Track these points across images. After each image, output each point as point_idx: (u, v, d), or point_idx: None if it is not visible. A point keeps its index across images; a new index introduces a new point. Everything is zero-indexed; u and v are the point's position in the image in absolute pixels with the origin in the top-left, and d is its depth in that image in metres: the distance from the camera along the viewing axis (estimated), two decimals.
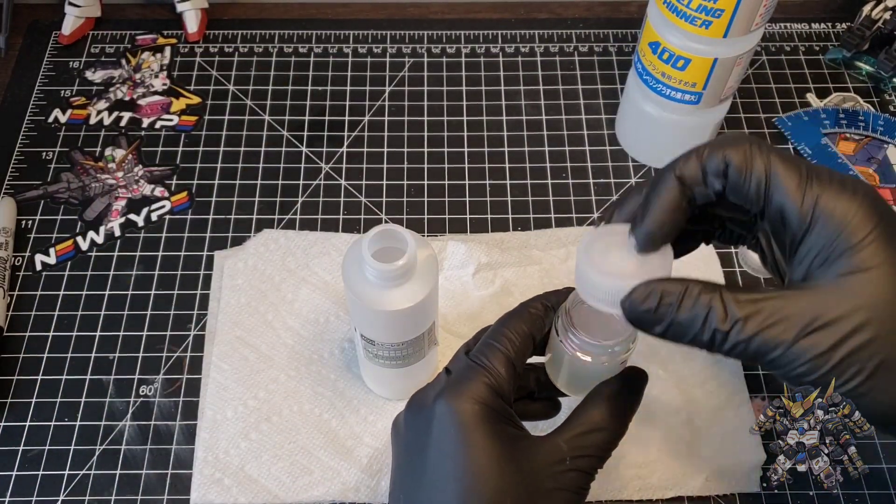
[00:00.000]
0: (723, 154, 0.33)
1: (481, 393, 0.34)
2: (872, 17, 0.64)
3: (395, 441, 0.38)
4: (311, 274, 0.53)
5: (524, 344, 0.37)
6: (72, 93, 0.63)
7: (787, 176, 0.32)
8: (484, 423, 0.34)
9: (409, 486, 0.35)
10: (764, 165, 0.32)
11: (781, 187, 0.32)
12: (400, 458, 0.37)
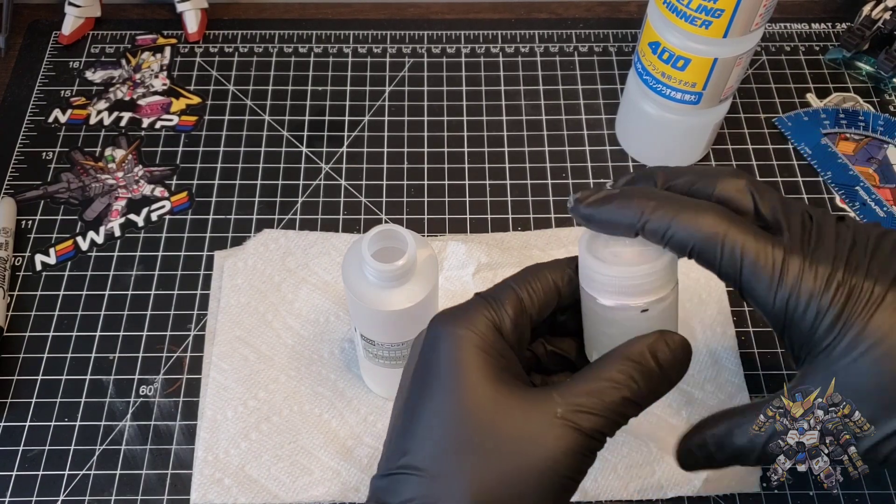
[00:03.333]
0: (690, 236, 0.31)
1: (478, 324, 0.31)
2: (872, 17, 0.64)
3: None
4: (311, 274, 0.53)
5: (543, 288, 0.33)
6: (72, 93, 0.63)
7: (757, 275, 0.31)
8: (474, 353, 0.31)
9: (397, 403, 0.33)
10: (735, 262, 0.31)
11: (753, 287, 0.31)
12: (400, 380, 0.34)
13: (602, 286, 0.33)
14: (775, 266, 0.31)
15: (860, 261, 0.31)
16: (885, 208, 0.58)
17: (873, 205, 0.58)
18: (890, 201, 0.58)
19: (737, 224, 0.31)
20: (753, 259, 0.31)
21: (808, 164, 0.60)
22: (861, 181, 0.59)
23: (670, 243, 0.32)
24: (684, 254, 0.32)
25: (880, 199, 0.58)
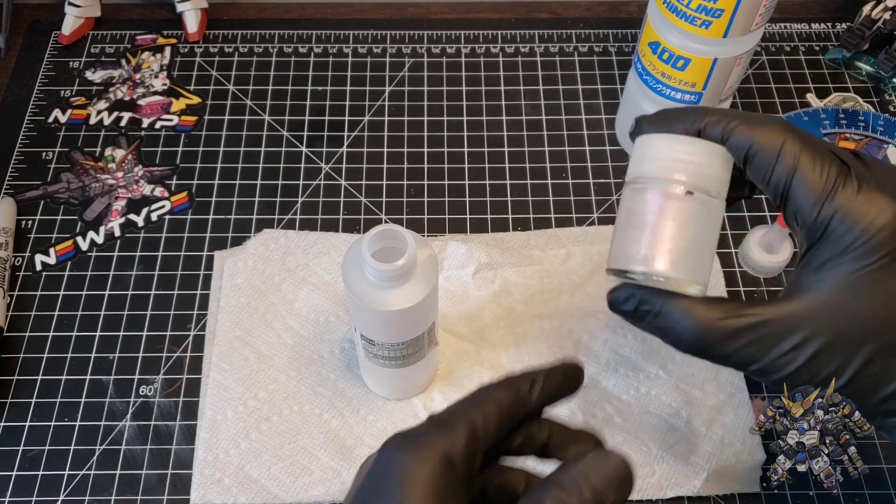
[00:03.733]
0: (750, 139, 0.32)
1: (429, 456, 0.29)
2: (872, 17, 0.64)
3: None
4: (311, 274, 0.53)
5: (496, 413, 0.31)
6: (72, 93, 0.63)
7: (808, 185, 0.32)
8: (422, 488, 0.28)
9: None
10: (787, 168, 0.32)
11: (799, 196, 0.32)
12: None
13: (655, 159, 0.34)
14: (828, 180, 0.31)
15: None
16: None
17: None
18: None
19: (797, 134, 0.32)
20: (808, 170, 0.32)
21: None
22: None
23: (730, 142, 0.33)
24: (740, 158, 0.33)
25: None
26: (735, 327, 0.32)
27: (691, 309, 0.33)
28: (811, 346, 0.31)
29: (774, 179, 0.32)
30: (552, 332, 0.51)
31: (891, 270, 0.30)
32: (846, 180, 0.31)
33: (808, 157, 0.32)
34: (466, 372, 0.50)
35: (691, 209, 0.33)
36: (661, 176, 0.33)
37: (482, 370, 0.50)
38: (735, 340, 0.32)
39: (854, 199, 0.31)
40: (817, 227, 0.32)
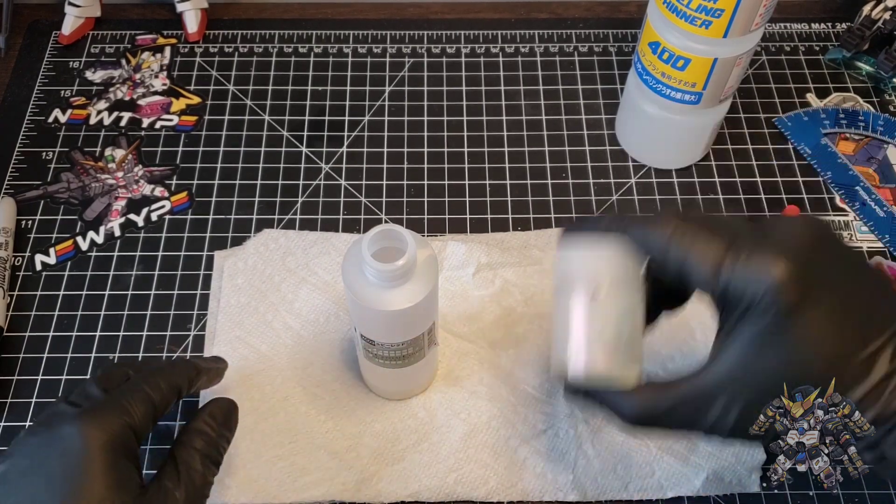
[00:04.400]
0: (644, 233, 0.36)
1: (116, 427, 0.36)
2: (872, 17, 0.64)
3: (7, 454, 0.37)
4: (311, 274, 0.53)
5: (170, 395, 0.40)
6: (72, 93, 0.63)
7: (696, 267, 0.34)
8: (108, 456, 0.35)
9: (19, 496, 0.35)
10: (679, 256, 0.35)
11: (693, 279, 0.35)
12: (9, 472, 0.36)
13: (567, 271, 0.39)
14: (715, 258, 0.34)
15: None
16: (885, 208, 0.58)
17: (873, 205, 0.58)
18: (890, 201, 0.58)
19: (686, 218, 0.36)
20: (697, 251, 0.35)
21: (808, 164, 0.60)
22: (861, 181, 0.59)
23: (628, 238, 0.37)
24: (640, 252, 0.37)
25: (880, 199, 0.58)
26: (667, 406, 0.36)
27: (628, 398, 0.37)
28: (737, 404, 0.34)
29: (671, 269, 0.35)
30: (552, 331, 0.51)
31: (787, 325, 0.32)
32: (731, 254, 0.34)
33: (693, 240, 0.35)
34: (466, 372, 0.50)
35: (607, 308, 0.37)
36: (575, 285, 0.38)
37: (482, 370, 0.50)
38: (674, 410, 0.36)
39: (741, 268, 0.33)
40: (717, 301, 0.35)
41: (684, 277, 0.35)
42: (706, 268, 0.34)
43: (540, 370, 0.50)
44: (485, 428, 0.48)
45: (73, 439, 0.35)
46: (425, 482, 0.46)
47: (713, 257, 0.34)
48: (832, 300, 0.33)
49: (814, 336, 0.33)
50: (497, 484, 0.46)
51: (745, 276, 0.33)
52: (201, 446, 0.40)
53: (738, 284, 0.33)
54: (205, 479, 0.39)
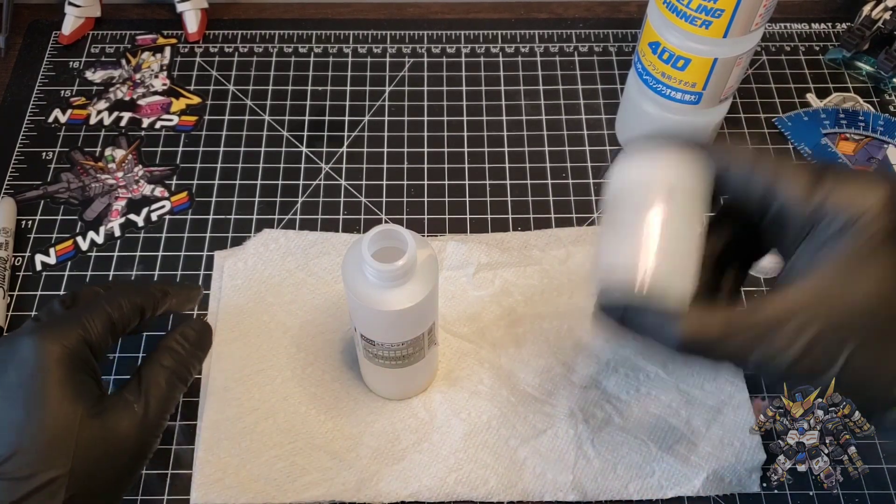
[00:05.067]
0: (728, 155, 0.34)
1: (72, 341, 0.37)
2: (872, 17, 0.64)
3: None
4: (310, 274, 0.53)
5: (132, 314, 0.41)
6: (72, 93, 0.63)
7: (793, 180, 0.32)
8: (65, 368, 0.36)
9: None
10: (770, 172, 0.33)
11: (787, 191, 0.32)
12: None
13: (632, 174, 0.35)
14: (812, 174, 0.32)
15: None
16: None
17: None
18: None
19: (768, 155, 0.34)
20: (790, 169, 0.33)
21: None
22: None
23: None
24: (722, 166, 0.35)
25: None
26: (727, 323, 0.32)
27: (677, 320, 0.33)
28: (807, 333, 0.31)
29: (756, 182, 0.33)
30: (552, 332, 0.51)
31: (883, 251, 0.30)
32: (827, 173, 0.32)
33: (785, 163, 0.33)
34: (466, 372, 0.50)
35: (671, 219, 0.33)
36: (640, 189, 0.34)
37: (482, 370, 0.50)
38: (728, 336, 0.32)
39: (839, 186, 0.32)
40: (806, 219, 0.32)
41: (769, 196, 0.33)
42: (801, 182, 0.32)
43: (540, 370, 0.50)
44: (485, 428, 0.48)
45: (28, 351, 0.36)
46: (425, 482, 0.46)
47: (809, 175, 0.32)
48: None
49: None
50: (497, 484, 0.46)
51: (848, 193, 0.31)
52: (169, 363, 0.40)
53: (838, 201, 0.31)
54: (168, 395, 0.39)
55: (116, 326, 0.40)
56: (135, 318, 0.41)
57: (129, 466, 0.37)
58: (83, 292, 0.41)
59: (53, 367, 0.36)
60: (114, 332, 0.40)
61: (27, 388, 0.35)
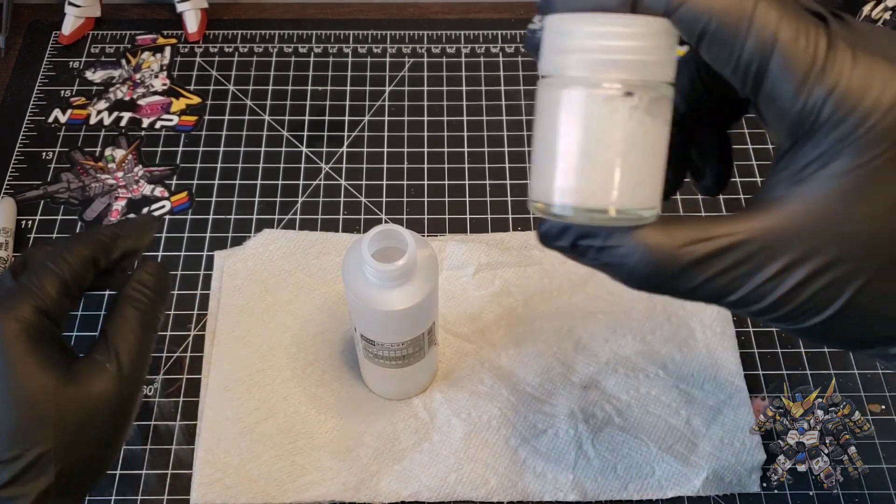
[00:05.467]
0: (709, 7, 0.24)
1: (26, 313, 0.34)
2: (872, 17, 0.64)
3: None
4: (310, 274, 0.53)
5: (83, 268, 0.37)
6: (72, 93, 0.63)
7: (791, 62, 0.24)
8: (26, 342, 0.34)
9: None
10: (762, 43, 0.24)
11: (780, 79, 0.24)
12: None
13: (571, 50, 0.24)
14: (818, 52, 0.24)
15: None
16: None
17: None
18: None
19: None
20: (790, 40, 0.24)
21: None
22: None
23: (678, 15, 0.24)
24: (693, 34, 0.25)
25: None
26: (703, 254, 0.25)
27: (644, 237, 0.25)
28: (804, 267, 0.25)
29: (745, 59, 0.24)
30: (552, 332, 0.51)
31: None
32: (837, 51, 0.24)
33: (788, 24, 0.24)
34: (466, 372, 0.50)
35: (631, 115, 0.24)
36: (585, 74, 0.24)
37: (482, 370, 0.50)
38: (703, 270, 0.25)
39: (850, 73, 0.23)
40: (804, 117, 0.24)
41: (761, 77, 0.24)
42: (802, 68, 0.24)
43: (540, 370, 0.50)
44: (485, 428, 0.48)
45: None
46: (425, 482, 0.46)
47: (814, 54, 0.24)
48: None
49: None
50: (497, 484, 0.46)
51: (858, 87, 0.23)
52: (132, 314, 0.37)
53: (847, 97, 0.23)
54: (140, 347, 0.37)
55: (70, 287, 0.36)
56: (88, 271, 0.37)
57: (114, 428, 0.35)
58: (31, 253, 0.38)
59: (13, 343, 0.34)
60: (69, 293, 0.36)
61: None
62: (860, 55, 0.24)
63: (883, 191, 0.24)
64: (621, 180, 0.25)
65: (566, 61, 0.24)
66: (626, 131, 0.24)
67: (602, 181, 0.25)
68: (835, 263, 0.24)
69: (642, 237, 0.25)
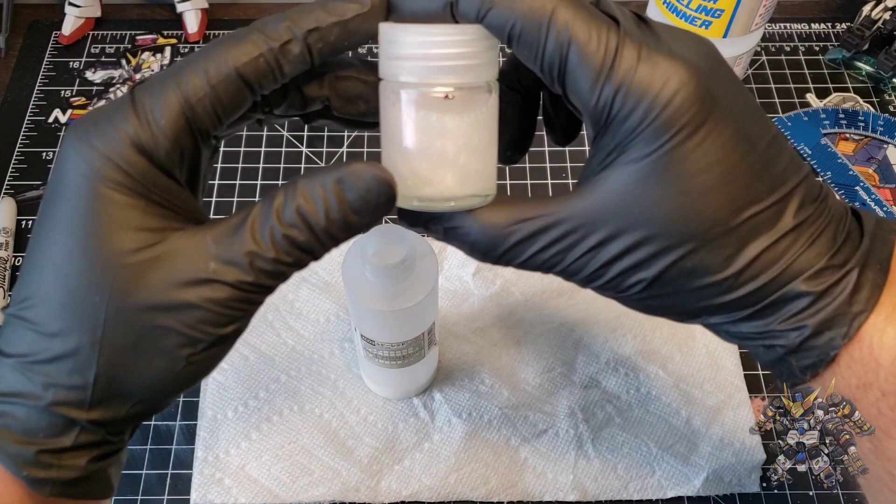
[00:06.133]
0: (511, 12, 0.26)
1: (114, 147, 0.25)
2: (872, 17, 0.64)
3: None
4: (311, 274, 0.53)
5: (224, 89, 0.26)
6: (72, 93, 0.63)
7: (584, 60, 0.26)
8: (110, 188, 0.25)
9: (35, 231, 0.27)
10: (560, 44, 0.26)
11: (577, 76, 0.26)
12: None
13: (401, 58, 0.27)
14: (608, 52, 0.26)
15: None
16: (884, 208, 0.58)
17: (873, 205, 0.58)
18: (890, 201, 0.58)
19: (568, 1, 0.26)
20: (583, 42, 0.26)
21: (807, 164, 0.60)
22: (861, 181, 0.59)
23: (487, 21, 0.26)
24: (503, 36, 0.27)
25: (880, 199, 0.58)
26: (528, 232, 0.28)
27: (479, 218, 0.28)
28: (616, 244, 0.27)
29: (547, 59, 0.26)
30: (552, 332, 0.51)
31: (685, 150, 0.26)
32: (625, 49, 0.26)
33: (582, 25, 0.26)
34: (466, 372, 0.50)
35: (457, 113, 0.27)
36: (414, 79, 0.27)
37: (482, 370, 0.50)
38: (529, 245, 0.29)
39: (635, 70, 0.26)
40: (601, 111, 0.26)
41: (563, 75, 0.27)
42: (594, 66, 0.26)
43: (541, 370, 0.50)
44: (485, 427, 0.48)
45: (61, 166, 0.26)
46: (426, 482, 0.46)
47: (605, 52, 0.26)
48: (736, 130, 0.26)
49: (718, 170, 0.26)
50: (497, 484, 0.46)
51: (642, 82, 0.25)
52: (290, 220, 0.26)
53: (632, 92, 0.26)
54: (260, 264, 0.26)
55: (196, 111, 0.26)
56: (233, 95, 0.26)
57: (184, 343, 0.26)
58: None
59: (83, 194, 0.25)
60: (190, 128, 0.26)
61: (59, 217, 0.26)
62: (646, 53, 0.26)
63: (671, 177, 0.26)
64: (454, 172, 0.28)
65: (398, 68, 0.27)
66: (454, 129, 0.27)
67: (437, 174, 0.27)
68: (642, 241, 0.27)
69: (477, 218, 0.28)
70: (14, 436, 0.26)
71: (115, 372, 0.26)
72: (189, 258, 0.26)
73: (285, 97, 0.29)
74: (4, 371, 0.26)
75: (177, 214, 0.27)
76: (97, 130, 0.25)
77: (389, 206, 0.27)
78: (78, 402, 0.26)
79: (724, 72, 0.28)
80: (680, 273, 0.28)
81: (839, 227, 0.28)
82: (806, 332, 0.28)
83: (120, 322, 0.26)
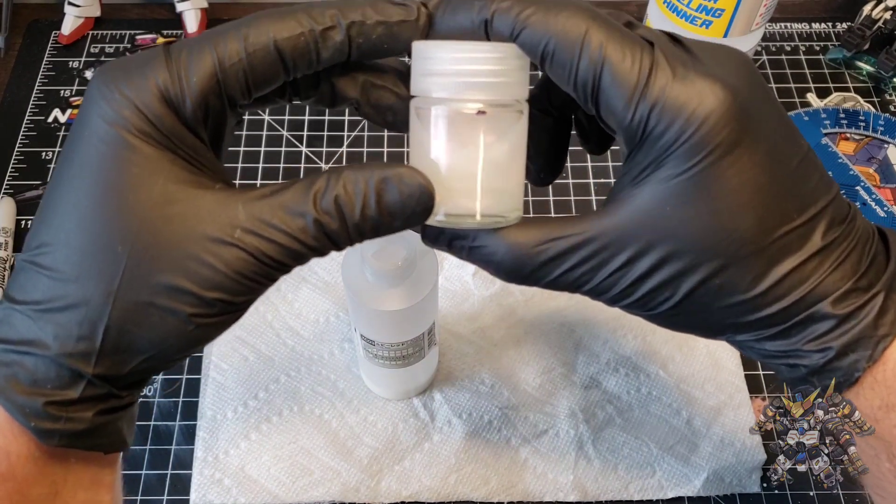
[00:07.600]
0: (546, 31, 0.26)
1: (145, 96, 0.25)
2: (873, 16, 0.64)
3: None
4: (311, 274, 0.53)
5: (260, 59, 0.26)
6: (72, 93, 0.63)
7: (618, 79, 0.26)
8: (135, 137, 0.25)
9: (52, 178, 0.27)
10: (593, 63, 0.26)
11: (611, 95, 0.27)
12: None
13: (434, 74, 0.27)
14: (642, 70, 0.26)
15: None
16: (885, 208, 0.58)
17: (874, 205, 0.58)
18: (890, 201, 0.58)
19: (601, 22, 0.27)
20: (617, 61, 0.26)
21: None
22: (861, 181, 0.59)
23: (521, 39, 0.27)
24: (536, 55, 0.27)
25: (881, 199, 0.58)
26: (556, 252, 0.28)
27: (505, 238, 0.28)
28: (644, 261, 0.27)
29: (581, 78, 0.27)
30: (552, 332, 0.51)
31: (719, 169, 0.26)
32: (659, 68, 0.26)
33: (615, 45, 0.26)
34: (466, 372, 0.50)
35: (487, 132, 0.27)
36: (447, 95, 0.27)
37: (482, 370, 0.50)
38: (557, 265, 0.28)
39: (670, 89, 0.26)
40: (635, 129, 0.27)
41: (596, 93, 0.27)
42: (628, 84, 0.26)
43: (541, 370, 0.50)
44: (485, 428, 0.48)
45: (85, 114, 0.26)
46: (426, 482, 0.46)
47: (639, 71, 0.26)
48: (769, 150, 0.27)
49: (749, 189, 0.26)
50: (498, 484, 0.46)
51: (677, 101, 0.26)
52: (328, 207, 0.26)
53: (667, 111, 0.26)
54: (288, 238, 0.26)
55: (227, 79, 0.26)
56: (267, 68, 0.27)
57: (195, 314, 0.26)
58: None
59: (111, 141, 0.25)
60: (220, 91, 0.26)
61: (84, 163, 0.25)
62: (681, 71, 0.26)
63: (704, 195, 0.26)
64: (482, 190, 0.28)
65: (430, 84, 0.27)
66: (484, 147, 0.27)
67: (466, 191, 0.28)
68: (672, 259, 0.27)
69: (504, 238, 0.28)
70: (22, 387, 0.25)
71: (125, 326, 0.25)
72: (217, 219, 0.25)
73: (317, 88, 0.29)
74: (15, 319, 0.26)
75: (203, 173, 0.26)
76: (127, 78, 0.25)
77: (424, 216, 0.27)
78: (85, 353, 0.25)
79: (760, 89, 0.28)
80: (708, 291, 0.28)
81: (866, 248, 0.29)
82: (830, 354, 0.28)
83: (138, 275, 0.25)
